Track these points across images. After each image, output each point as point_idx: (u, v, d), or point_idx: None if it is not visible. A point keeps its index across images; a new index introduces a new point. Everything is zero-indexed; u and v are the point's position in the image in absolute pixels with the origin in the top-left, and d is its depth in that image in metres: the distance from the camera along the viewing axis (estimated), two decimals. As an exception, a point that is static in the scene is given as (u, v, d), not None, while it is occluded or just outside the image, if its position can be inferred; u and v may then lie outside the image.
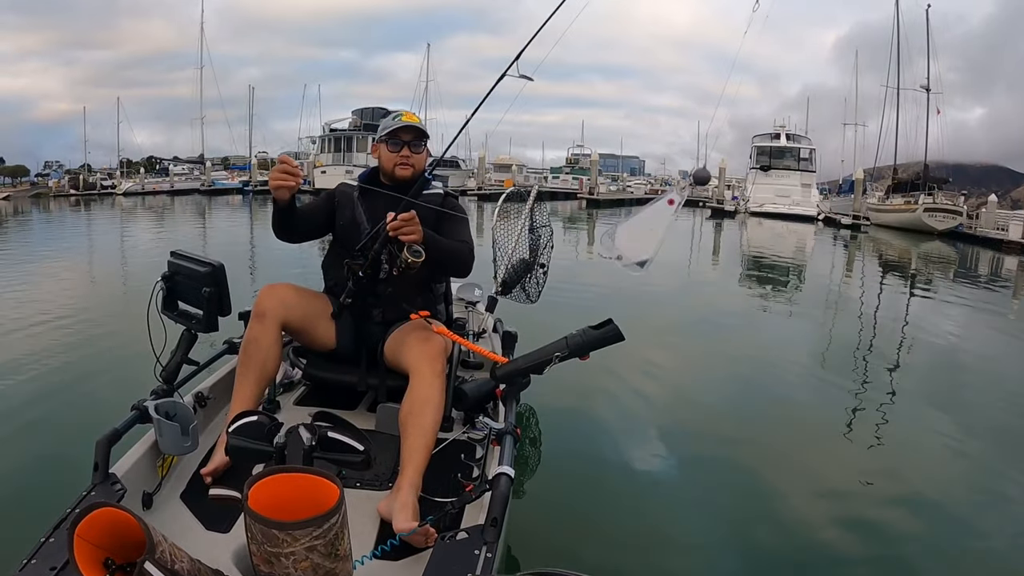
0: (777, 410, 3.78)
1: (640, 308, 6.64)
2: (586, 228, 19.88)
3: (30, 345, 4.91)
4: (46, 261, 10.83)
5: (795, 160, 30.31)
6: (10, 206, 26.73)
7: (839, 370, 4.65)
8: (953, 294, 9.30)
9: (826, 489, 2.79)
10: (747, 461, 2.97)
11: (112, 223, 19.03)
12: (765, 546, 2.31)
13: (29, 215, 22.12)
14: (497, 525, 1.41)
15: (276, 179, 1.85)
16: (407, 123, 2.12)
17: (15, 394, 3.72)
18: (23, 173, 42.37)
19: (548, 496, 2.55)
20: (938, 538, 2.43)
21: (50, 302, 6.98)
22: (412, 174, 2.14)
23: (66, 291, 7.85)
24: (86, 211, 23.22)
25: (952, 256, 15.80)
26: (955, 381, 4.64)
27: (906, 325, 6.70)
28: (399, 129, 2.12)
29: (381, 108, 36.47)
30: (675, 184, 53.76)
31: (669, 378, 4.29)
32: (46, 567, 1.24)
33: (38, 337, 5.24)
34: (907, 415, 3.82)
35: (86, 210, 23.89)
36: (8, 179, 40.44)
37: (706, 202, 31.37)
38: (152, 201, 28.68)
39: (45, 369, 4.16)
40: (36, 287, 8.04)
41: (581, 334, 1.90)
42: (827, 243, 18.37)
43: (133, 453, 1.69)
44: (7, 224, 18.50)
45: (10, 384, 3.86)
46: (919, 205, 21.11)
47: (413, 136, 2.14)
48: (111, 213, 22.40)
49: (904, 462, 3.11)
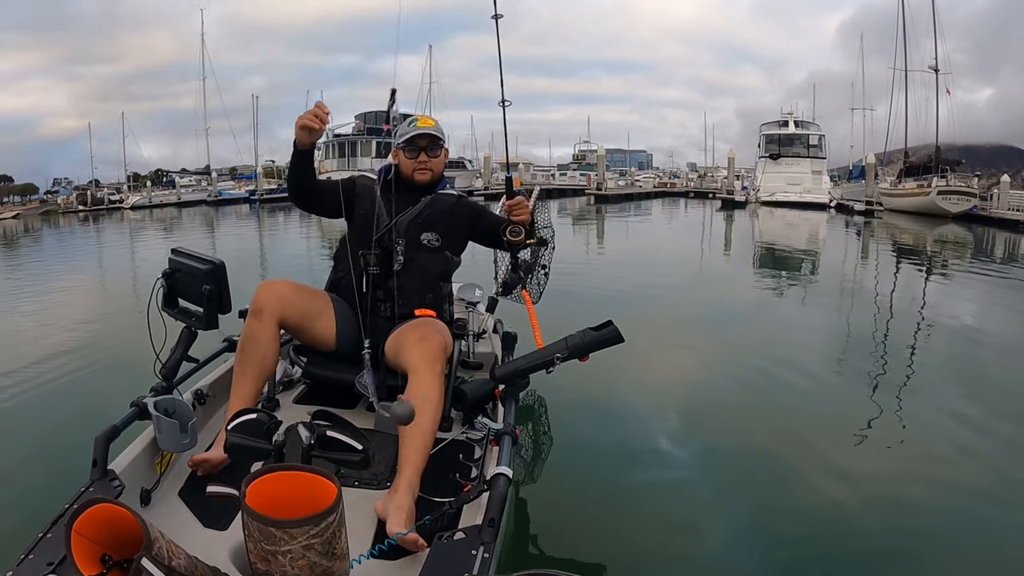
0: (790, 402, 3.69)
1: (647, 304, 6.61)
2: (595, 224, 19.61)
3: (31, 343, 4.93)
4: (51, 269, 10.89)
5: (805, 147, 29.87)
6: (20, 224, 27.07)
7: (857, 359, 4.55)
8: (970, 277, 9.07)
9: (843, 482, 2.71)
10: (756, 459, 2.92)
11: (118, 235, 19.19)
12: (774, 546, 2.27)
13: (38, 232, 22.25)
14: (495, 525, 1.40)
15: (304, 117, 1.89)
16: (423, 130, 2.19)
17: (15, 391, 3.73)
18: (32, 191, 42.48)
19: (546, 497, 2.55)
20: (962, 530, 2.37)
21: (50, 302, 7.01)
22: (431, 178, 2.23)
23: (67, 291, 7.87)
24: (94, 225, 23.34)
25: (968, 239, 15.30)
26: (977, 368, 4.49)
27: (924, 311, 6.51)
28: (416, 136, 2.18)
29: (384, 112, 36.56)
30: (683, 176, 53.08)
31: (674, 375, 4.26)
32: (43, 562, 1.24)
33: (39, 336, 5.26)
34: (928, 402, 3.72)
35: (94, 224, 24.05)
36: (17, 198, 40.71)
37: (716, 193, 30.99)
38: (160, 214, 28.76)
39: (45, 366, 4.17)
40: (38, 288, 8.06)
41: (581, 335, 1.91)
42: (841, 230, 17.90)
43: (132, 450, 1.69)
44: (17, 241, 18.70)
45: (10, 381, 3.86)
46: (932, 188, 20.60)
47: (429, 142, 2.20)
48: (118, 227, 22.51)
49: (926, 451, 3.04)
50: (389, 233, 2.13)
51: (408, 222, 2.16)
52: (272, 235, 17.75)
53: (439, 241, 2.19)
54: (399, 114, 31.16)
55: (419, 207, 2.19)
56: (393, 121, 33.95)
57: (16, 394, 3.67)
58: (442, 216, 2.20)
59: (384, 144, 30.90)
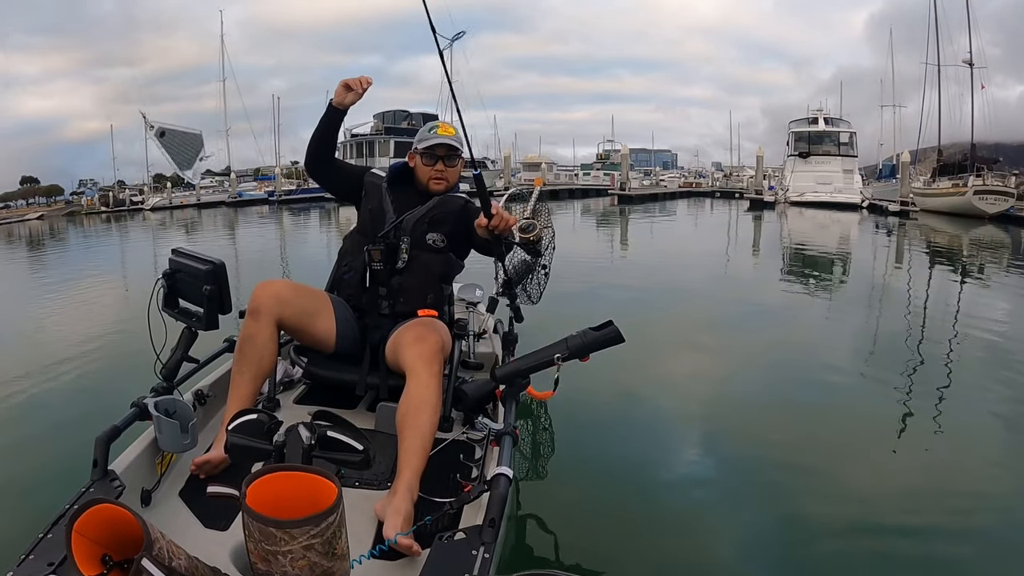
0: (807, 404, 3.59)
1: (662, 306, 6.55)
2: (618, 225, 19.21)
3: (31, 344, 4.94)
4: (55, 271, 10.90)
5: (835, 145, 28.83)
6: (45, 224, 27.37)
7: (888, 367, 4.33)
8: (1010, 282, 8.69)
9: (864, 496, 2.58)
10: (761, 462, 2.87)
11: (132, 236, 19.21)
12: (780, 552, 2.23)
13: (61, 233, 22.31)
14: (495, 526, 1.40)
15: (347, 80, 2.02)
16: (443, 139, 2.20)
17: (16, 391, 3.73)
18: (57, 192, 43.01)
19: (547, 497, 2.55)
20: (991, 547, 2.24)
21: (50, 302, 7.01)
22: (445, 188, 2.25)
23: (69, 292, 7.88)
24: (116, 226, 23.40)
25: (1005, 241, 14.51)
26: (1016, 375, 4.22)
27: (960, 316, 6.18)
28: (436, 144, 2.20)
29: (403, 111, 36.71)
30: (709, 175, 52.00)
31: (682, 376, 4.23)
32: (44, 563, 1.24)
33: (39, 336, 5.26)
34: (962, 411, 3.55)
35: (116, 224, 24.13)
36: (43, 199, 41.14)
37: (743, 193, 29.69)
38: (180, 215, 28.81)
39: (45, 367, 4.18)
40: (39, 288, 8.07)
41: (581, 335, 1.91)
42: (875, 232, 17.16)
43: (132, 450, 1.69)
44: (43, 241, 18.86)
45: (11, 381, 3.87)
46: (969, 188, 19.53)
47: (447, 151, 2.21)
48: (136, 227, 22.54)
49: (958, 465, 2.91)
50: (395, 231, 2.14)
51: (415, 221, 2.17)
52: (287, 236, 17.67)
53: (444, 242, 2.19)
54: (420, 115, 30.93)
55: (427, 207, 2.20)
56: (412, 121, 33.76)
57: (17, 394, 3.68)
58: (449, 217, 2.20)
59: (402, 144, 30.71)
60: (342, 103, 2.05)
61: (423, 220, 2.18)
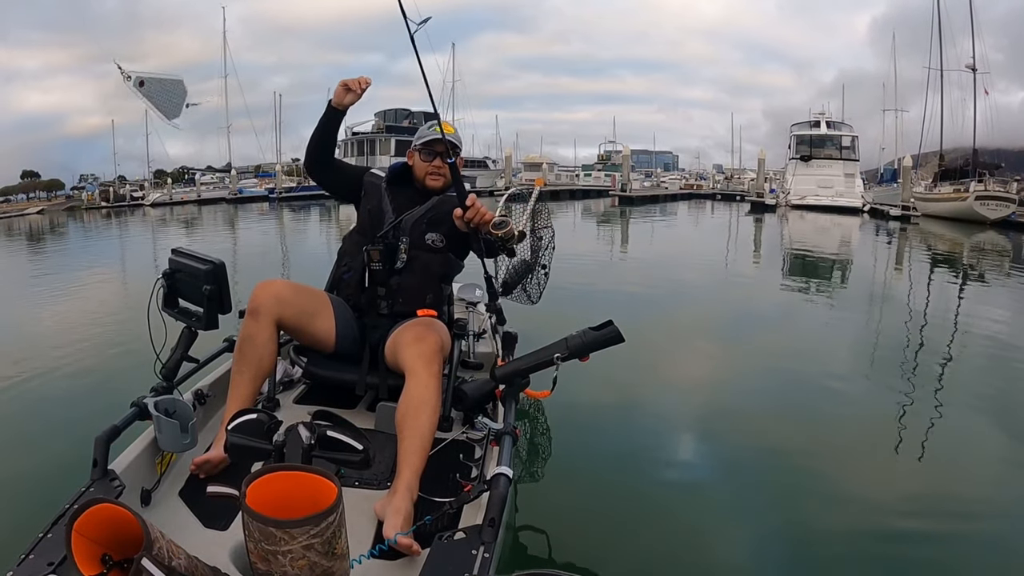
0: (805, 406, 3.58)
1: (663, 307, 6.54)
2: (618, 226, 19.19)
3: (31, 343, 4.93)
4: (55, 268, 10.89)
5: (837, 149, 28.85)
6: (45, 219, 27.21)
7: (888, 371, 4.33)
8: (1012, 289, 8.69)
9: (864, 499, 2.57)
10: (762, 463, 2.86)
11: (131, 232, 19.16)
12: (779, 553, 2.23)
13: (60, 227, 22.22)
14: (495, 525, 1.40)
15: (347, 80, 2.04)
16: (440, 135, 2.19)
17: (16, 391, 3.73)
18: (58, 187, 42.94)
19: (547, 497, 2.55)
20: (993, 550, 2.24)
21: (51, 302, 7.00)
22: (443, 184, 2.25)
23: (68, 291, 7.87)
24: (116, 221, 23.36)
25: (1006, 246, 14.51)
26: (1016, 382, 4.24)
27: (959, 322, 6.16)
28: (434, 140, 2.20)
29: (404, 110, 36.71)
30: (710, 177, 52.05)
31: (680, 377, 4.23)
32: (43, 562, 1.24)
33: (39, 336, 5.26)
34: (960, 420, 3.54)
35: (116, 220, 24.07)
36: (43, 193, 41.03)
37: (744, 196, 29.82)
38: (180, 211, 28.72)
39: (45, 367, 4.17)
40: (40, 288, 8.07)
41: (581, 335, 1.91)
42: (876, 237, 17.19)
43: (132, 450, 1.69)
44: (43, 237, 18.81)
45: (11, 381, 3.86)
46: (970, 193, 19.58)
47: (446, 148, 2.21)
48: (135, 223, 22.48)
49: (957, 470, 2.90)
50: (394, 231, 2.15)
51: (414, 221, 2.18)
52: (287, 234, 17.64)
53: (443, 242, 2.20)
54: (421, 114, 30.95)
55: (426, 207, 2.20)
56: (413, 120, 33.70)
57: (17, 394, 3.67)
58: (448, 218, 2.18)
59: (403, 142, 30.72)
60: (341, 103, 2.06)
61: (422, 220, 2.18)
